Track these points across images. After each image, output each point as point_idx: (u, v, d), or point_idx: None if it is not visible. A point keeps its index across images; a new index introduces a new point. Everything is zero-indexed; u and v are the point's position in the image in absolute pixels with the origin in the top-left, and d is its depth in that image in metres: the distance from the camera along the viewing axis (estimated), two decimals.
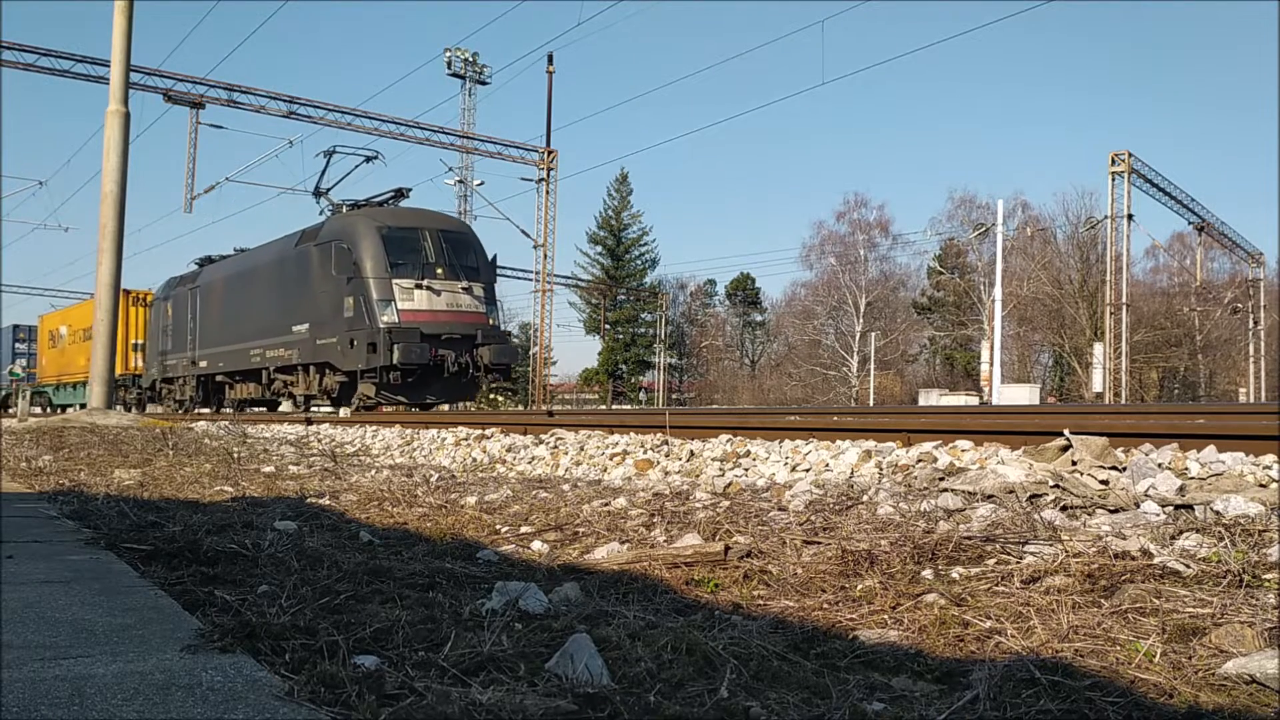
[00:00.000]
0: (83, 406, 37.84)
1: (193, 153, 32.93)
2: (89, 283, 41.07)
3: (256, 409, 25.55)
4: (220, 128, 34.23)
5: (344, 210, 21.72)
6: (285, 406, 23.03)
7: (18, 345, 48.99)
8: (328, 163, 23.04)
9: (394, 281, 18.66)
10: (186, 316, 26.55)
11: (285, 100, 32.52)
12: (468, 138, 40.34)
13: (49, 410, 41.13)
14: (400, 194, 21.84)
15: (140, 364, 33.50)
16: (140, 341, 33.76)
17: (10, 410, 38.47)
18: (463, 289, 19.28)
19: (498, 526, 4.26)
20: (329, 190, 23.46)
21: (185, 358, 26.56)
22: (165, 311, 28.50)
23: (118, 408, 34.02)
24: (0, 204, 60.11)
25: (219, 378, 24.86)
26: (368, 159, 23.15)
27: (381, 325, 18.29)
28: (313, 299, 20.27)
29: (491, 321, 19.91)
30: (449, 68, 47.96)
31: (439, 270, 19.13)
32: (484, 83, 48.95)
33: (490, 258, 20.64)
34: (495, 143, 39.74)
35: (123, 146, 18.03)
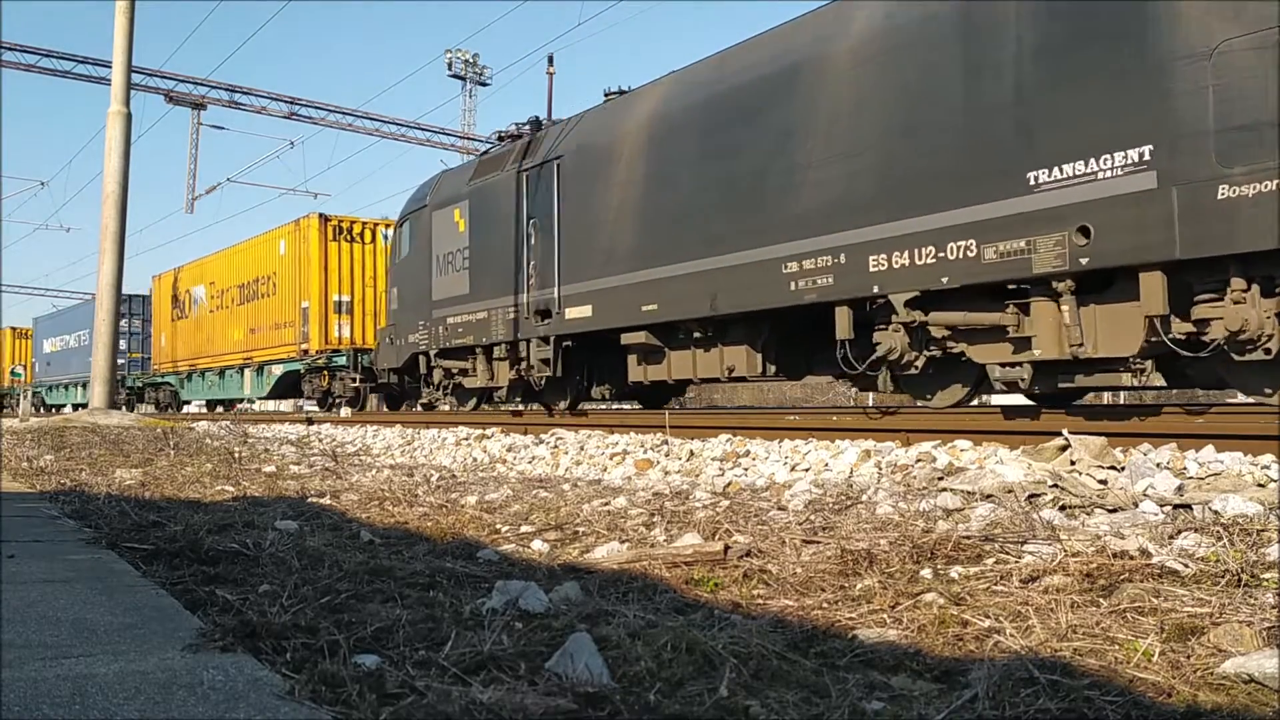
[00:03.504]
0: (225, 405, 27.60)
1: (194, 153, 32.97)
2: (90, 283, 39.75)
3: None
4: (221, 129, 34.13)
5: None
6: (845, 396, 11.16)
7: None
8: None
9: None
10: (521, 225, 12.31)
11: (286, 101, 32.48)
12: (468, 139, 40.36)
13: (168, 409, 29.50)
14: None
15: (348, 334, 21.63)
16: (346, 298, 21.61)
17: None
18: None
19: (498, 526, 4.26)
20: None
21: (519, 305, 12.21)
22: (442, 229, 14.08)
23: (309, 405, 22.25)
24: (1, 204, 58.94)
25: (636, 337, 10.55)
26: None
27: None
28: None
29: None
30: (450, 69, 47.99)
31: None
32: (484, 84, 48.98)
33: None
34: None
35: (124, 147, 18.03)
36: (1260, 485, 4.43)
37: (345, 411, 19.02)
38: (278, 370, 23.53)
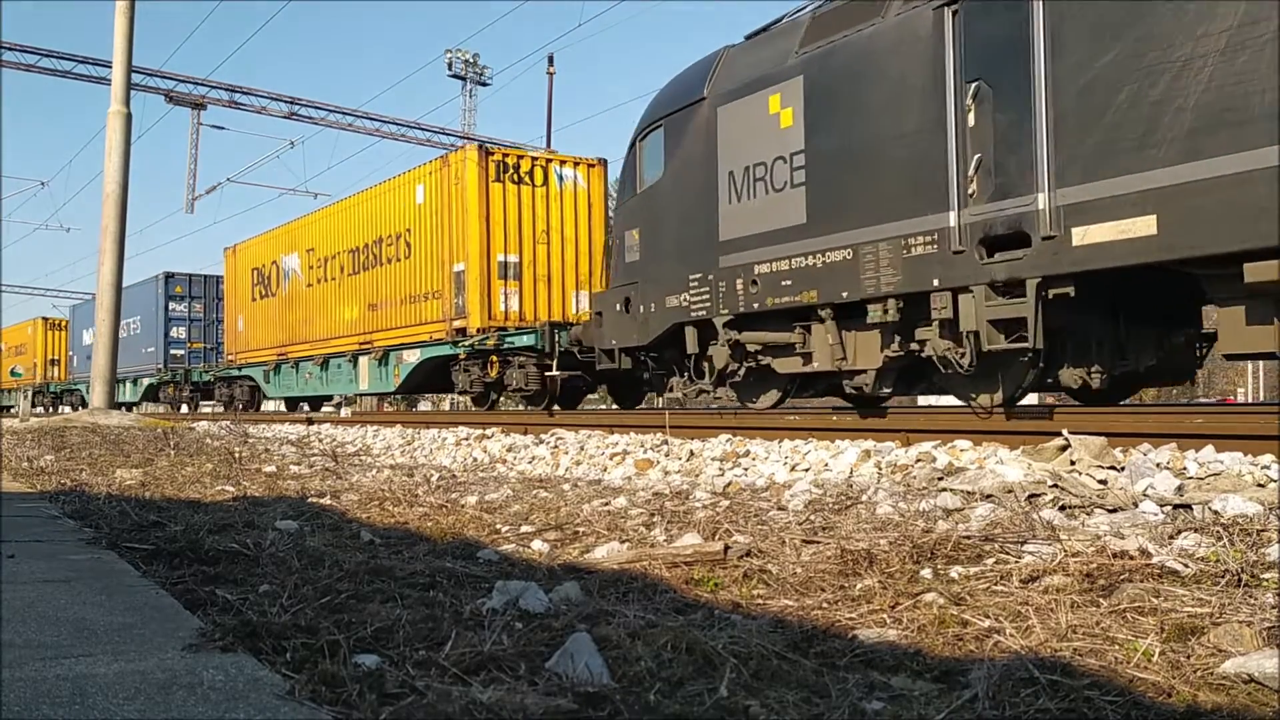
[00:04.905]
0: (313, 404, 22.71)
1: (194, 153, 33.02)
2: (90, 283, 39.58)
3: None
4: (221, 129, 34.03)
5: None
6: None
7: (173, 306, 29.32)
8: None
9: None
10: (944, 97, 7.04)
11: (286, 101, 32.50)
12: (468, 139, 40.37)
13: (239, 408, 23.85)
14: None
15: (516, 306, 15.76)
16: (514, 259, 15.71)
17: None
18: None
19: (498, 526, 4.26)
20: None
21: (938, 234, 7.04)
22: (740, 130, 8.95)
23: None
24: (1, 204, 58.53)
25: None
26: None
27: None
28: None
29: None
30: (450, 69, 48.04)
31: None
32: (485, 84, 49.04)
33: None
34: (496, 143, 39.79)
35: (124, 147, 18.03)
36: (1260, 485, 4.43)
37: (346, 411, 18.86)
38: (411, 357, 17.04)
